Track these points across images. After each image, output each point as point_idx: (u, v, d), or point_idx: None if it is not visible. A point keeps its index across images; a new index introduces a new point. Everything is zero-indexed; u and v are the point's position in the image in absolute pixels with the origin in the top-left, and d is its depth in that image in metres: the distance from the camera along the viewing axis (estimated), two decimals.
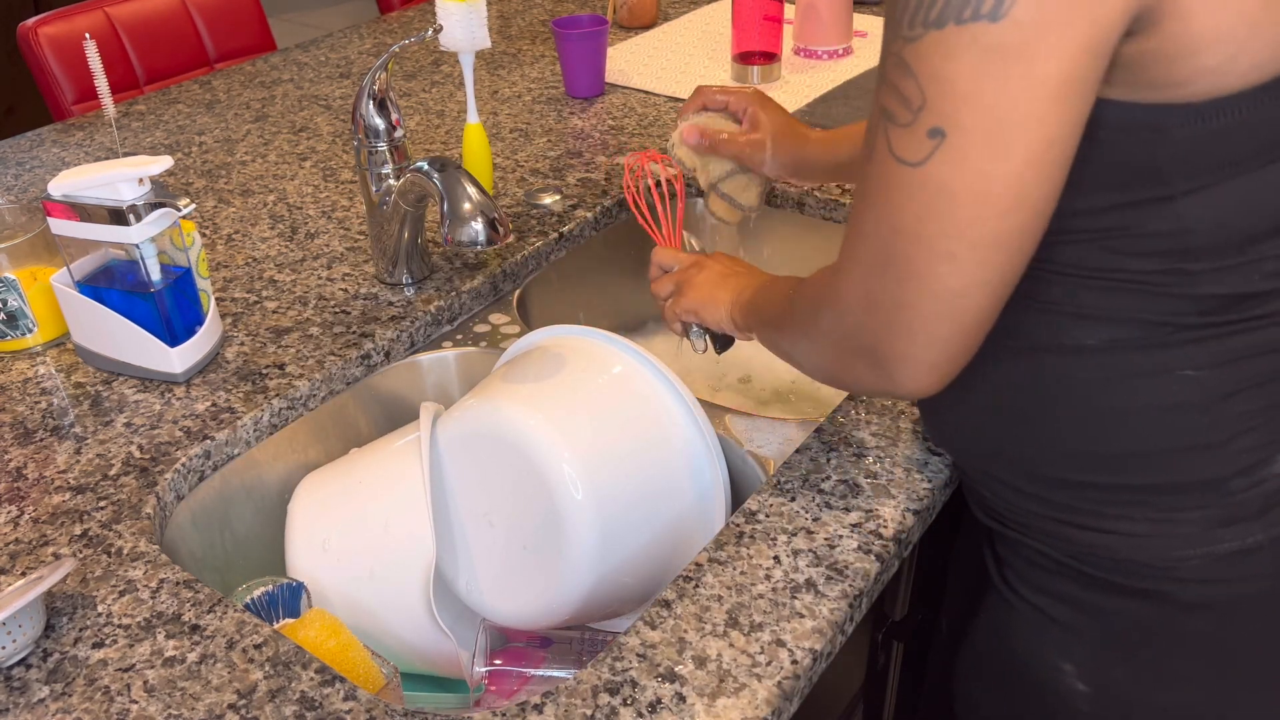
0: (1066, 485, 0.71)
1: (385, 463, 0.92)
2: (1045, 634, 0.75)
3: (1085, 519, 0.70)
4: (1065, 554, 0.73)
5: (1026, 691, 0.78)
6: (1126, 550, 0.69)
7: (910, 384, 0.64)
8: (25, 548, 0.81)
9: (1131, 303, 0.65)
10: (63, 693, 0.69)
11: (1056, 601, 0.75)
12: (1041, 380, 0.69)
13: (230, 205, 1.29)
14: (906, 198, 0.58)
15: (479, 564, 0.88)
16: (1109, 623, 0.72)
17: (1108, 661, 0.73)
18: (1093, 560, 0.71)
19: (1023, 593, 0.77)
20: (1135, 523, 0.69)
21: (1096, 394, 0.67)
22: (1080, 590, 0.73)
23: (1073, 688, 0.74)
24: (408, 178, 0.98)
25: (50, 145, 1.48)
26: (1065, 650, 0.74)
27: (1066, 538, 0.72)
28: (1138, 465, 0.68)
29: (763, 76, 1.56)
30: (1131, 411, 0.67)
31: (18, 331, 1.03)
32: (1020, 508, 0.74)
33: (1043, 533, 0.74)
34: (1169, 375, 0.65)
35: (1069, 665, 0.74)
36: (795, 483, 0.83)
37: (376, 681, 0.79)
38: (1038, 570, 0.75)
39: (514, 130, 1.46)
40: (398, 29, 1.89)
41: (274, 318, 1.07)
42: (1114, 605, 0.72)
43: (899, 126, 0.57)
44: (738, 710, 0.66)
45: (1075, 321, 0.67)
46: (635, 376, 0.89)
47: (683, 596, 0.74)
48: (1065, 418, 0.69)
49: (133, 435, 0.92)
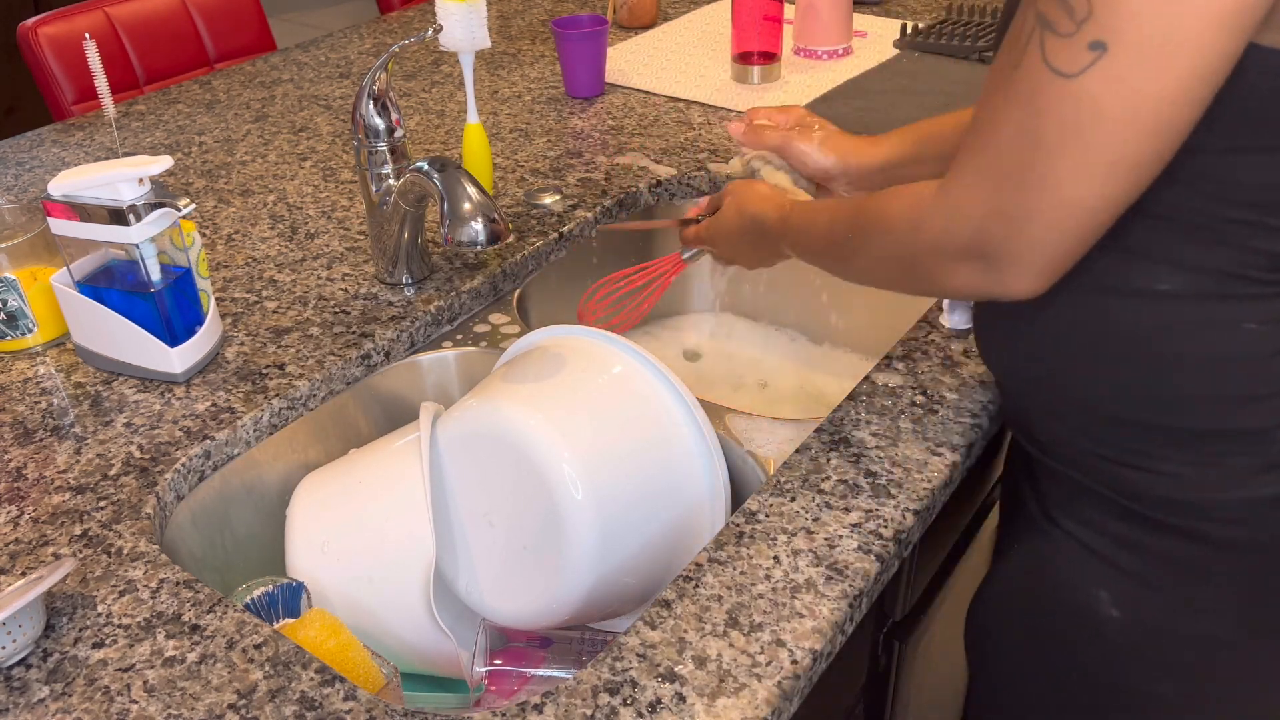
0: (1118, 424, 0.72)
1: (385, 463, 0.92)
2: (1084, 564, 0.77)
3: (1133, 458, 0.72)
4: (1110, 489, 0.75)
5: (1059, 617, 0.80)
6: (1170, 490, 0.71)
7: (1020, 285, 0.66)
8: (25, 548, 0.81)
9: (1210, 252, 0.66)
10: (63, 693, 0.69)
11: (1097, 534, 0.77)
12: (1106, 321, 0.71)
13: (230, 205, 1.29)
14: (1054, 109, 0.58)
15: (479, 564, 0.88)
16: (1148, 556, 0.74)
17: (1142, 593, 0.75)
18: (1137, 497, 0.73)
19: (1064, 524, 0.79)
20: (1182, 465, 0.71)
21: (1160, 339, 0.69)
22: (1122, 525, 0.75)
23: (1106, 614, 0.77)
24: (408, 178, 0.98)
25: (50, 145, 1.48)
26: (1102, 579, 0.76)
27: (1113, 474, 0.74)
28: (1191, 410, 0.69)
29: (763, 76, 1.56)
30: (1191, 359, 0.68)
31: (18, 331, 1.03)
32: (1069, 442, 0.76)
33: (1089, 468, 0.76)
34: (1234, 327, 0.67)
35: (1105, 593, 0.76)
36: (795, 483, 0.83)
37: (376, 681, 0.79)
38: (1080, 503, 0.77)
39: (514, 130, 1.46)
40: (398, 29, 1.89)
41: (274, 318, 1.07)
42: (1154, 541, 0.74)
43: (1058, 35, 0.57)
44: (738, 710, 0.66)
45: (1149, 266, 0.68)
46: (635, 376, 0.89)
47: (683, 596, 0.74)
48: (1125, 359, 0.71)
49: (133, 435, 0.92)
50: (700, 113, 1.49)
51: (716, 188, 1.32)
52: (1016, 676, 0.86)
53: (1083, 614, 0.78)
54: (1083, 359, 0.73)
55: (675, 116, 1.48)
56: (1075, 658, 0.80)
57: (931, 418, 0.89)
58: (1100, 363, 0.72)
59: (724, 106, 1.50)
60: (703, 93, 1.54)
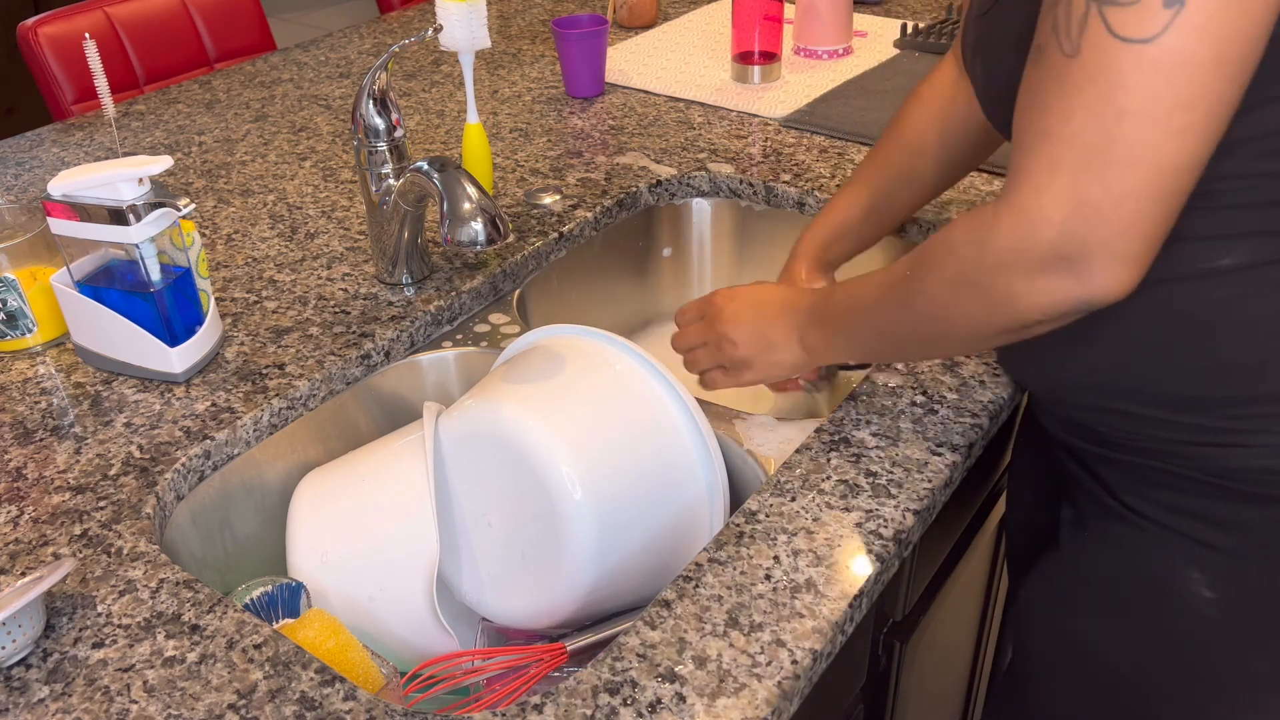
0: (1202, 406, 0.72)
1: (387, 462, 0.92)
2: (1172, 546, 0.76)
3: (1224, 436, 0.72)
4: (1193, 471, 0.74)
5: (1143, 601, 0.79)
6: (1260, 460, 0.71)
7: (1113, 283, 0.63)
8: (25, 548, 0.81)
9: (1261, 216, 0.66)
10: (63, 693, 0.69)
11: (1183, 516, 0.75)
12: (1172, 309, 0.70)
13: (230, 205, 1.29)
14: (1135, 76, 0.58)
15: (479, 564, 0.88)
16: (1240, 532, 0.73)
17: (1240, 568, 0.74)
18: (1225, 474, 0.72)
19: (1145, 511, 0.78)
20: (1270, 434, 0.70)
21: (1229, 311, 0.69)
22: (1210, 503, 0.74)
23: (1200, 595, 0.75)
24: (408, 178, 0.98)
25: (50, 145, 1.48)
26: (1194, 560, 0.75)
27: (1195, 455, 0.73)
28: (1270, 373, 0.69)
29: (763, 76, 1.56)
30: (1261, 322, 0.68)
31: (18, 331, 1.03)
32: (1142, 434, 0.75)
33: (1168, 454, 0.75)
34: None
35: (1198, 574, 0.75)
36: (795, 483, 0.83)
37: (376, 681, 0.79)
38: (1161, 489, 0.76)
39: (514, 130, 1.46)
40: (398, 29, 1.89)
41: (274, 318, 1.07)
42: (1245, 515, 0.73)
43: (1122, 6, 0.57)
44: (738, 710, 0.66)
45: (1207, 246, 0.68)
46: (635, 376, 0.89)
47: (683, 596, 0.74)
48: (1199, 341, 0.70)
49: (133, 435, 0.92)
50: (700, 113, 1.49)
51: (716, 186, 1.32)
52: (1080, 667, 0.85)
53: (1171, 598, 0.77)
54: (1155, 355, 0.72)
55: (675, 116, 1.48)
56: (1160, 643, 0.79)
57: (931, 418, 0.89)
58: (1174, 351, 0.71)
59: (724, 106, 1.50)
60: (703, 93, 1.54)
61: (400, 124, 1.05)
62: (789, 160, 1.33)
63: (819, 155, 1.34)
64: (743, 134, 1.42)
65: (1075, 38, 0.59)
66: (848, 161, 1.32)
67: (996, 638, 1.39)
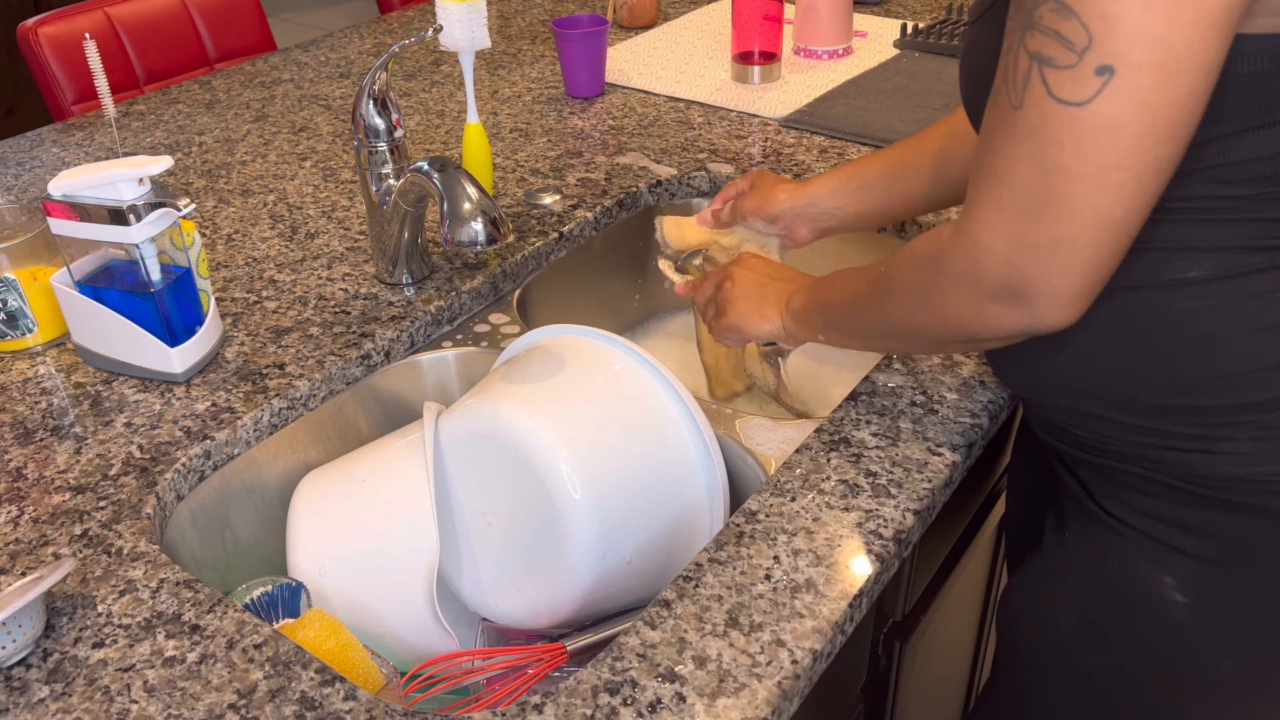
0: (1172, 412, 0.73)
1: (387, 462, 0.92)
2: (1145, 550, 0.77)
3: (1193, 442, 0.73)
4: (1165, 475, 0.75)
5: (1118, 604, 0.80)
6: (1228, 468, 0.72)
7: (1056, 316, 0.66)
8: (25, 548, 0.81)
9: (1227, 232, 0.67)
10: (63, 693, 0.69)
11: (1155, 520, 0.77)
12: (1141, 315, 0.71)
13: (230, 205, 1.29)
14: (1069, 136, 0.60)
15: (479, 564, 0.88)
16: (1210, 537, 0.75)
17: (1208, 573, 0.75)
18: (1195, 479, 0.73)
19: (1120, 514, 0.79)
20: (1238, 442, 0.71)
21: (1199, 321, 0.70)
22: (1181, 509, 0.75)
23: (1171, 599, 0.77)
24: (408, 178, 0.98)
25: (50, 145, 1.48)
26: (1165, 564, 0.77)
27: (1166, 460, 0.74)
28: (1242, 384, 0.70)
29: (763, 76, 1.56)
30: (1231, 335, 0.69)
31: (18, 331, 1.03)
32: (1116, 438, 0.76)
33: (1140, 459, 0.76)
34: (1267, 297, 0.68)
35: (1169, 578, 0.77)
36: (795, 483, 0.83)
37: (376, 681, 0.79)
38: (1135, 493, 0.77)
39: (514, 130, 1.46)
40: (398, 29, 1.89)
41: (274, 318, 1.07)
42: (1215, 521, 0.74)
43: (1060, 69, 0.59)
44: (738, 710, 0.66)
45: (1172, 256, 0.69)
46: (634, 376, 0.89)
47: (683, 596, 0.74)
48: (1169, 349, 0.71)
49: (133, 435, 0.92)
50: (700, 113, 1.49)
51: (716, 186, 1.32)
52: (1059, 663, 0.86)
53: (1144, 601, 0.78)
54: (1125, 360, 0.73)
55: (675, 116, 1.48)
56: (1134, 644, 0.80)
57: (931, 418, 0.89)
58: (1144, 358, 0.72)
59: (724, 106, 1.50)
60: (703, 93, 1.54)
61: (400, 124, 1.05)
62: (789, 160, 1.33)
63: (819, 155, 1.35)
64: (743, 134, 1.42)
65: (1020, 91, 0.61)
66: (847, 161, 1.32)
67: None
